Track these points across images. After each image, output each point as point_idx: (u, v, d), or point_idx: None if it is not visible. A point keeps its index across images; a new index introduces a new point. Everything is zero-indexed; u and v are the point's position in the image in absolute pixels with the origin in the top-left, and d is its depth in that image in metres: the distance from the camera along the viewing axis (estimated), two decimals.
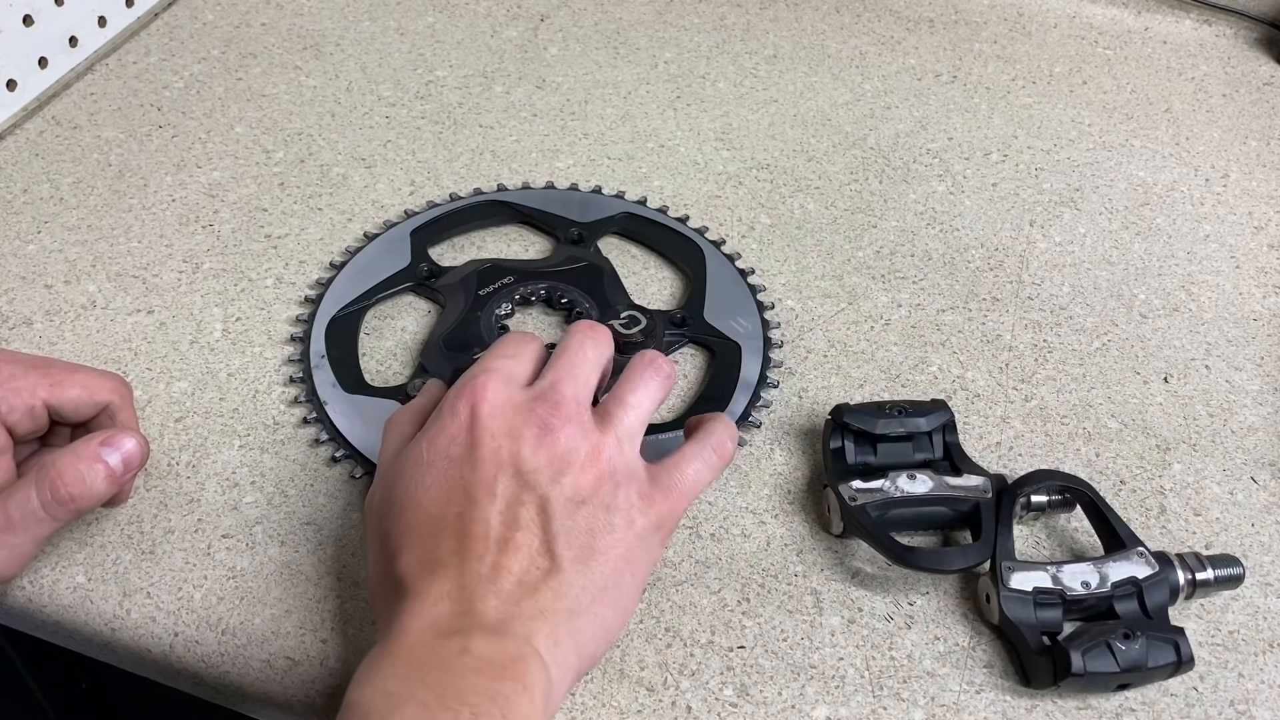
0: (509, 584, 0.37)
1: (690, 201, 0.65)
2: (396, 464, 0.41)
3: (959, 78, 0.77)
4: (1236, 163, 0.71)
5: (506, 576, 0.37)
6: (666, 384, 0.43)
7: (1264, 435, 0.53)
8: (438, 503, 0.39)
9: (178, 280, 0.58)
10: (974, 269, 0.62)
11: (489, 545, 0.38)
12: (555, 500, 0.38)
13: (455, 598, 0.37)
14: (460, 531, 0.38)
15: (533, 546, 0.38)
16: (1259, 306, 0.61)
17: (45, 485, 0.41)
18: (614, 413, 0.41)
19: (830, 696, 0.43)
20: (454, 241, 0.62)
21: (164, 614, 0.44)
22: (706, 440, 0.43)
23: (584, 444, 0.40)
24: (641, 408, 0.42)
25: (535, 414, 0.40)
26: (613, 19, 0.81)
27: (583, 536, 0.38)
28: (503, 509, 0.38)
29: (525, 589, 0.37)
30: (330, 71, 0.74)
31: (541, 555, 0.38)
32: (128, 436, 0.43)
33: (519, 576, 0.37)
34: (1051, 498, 0.47)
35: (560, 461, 0.39)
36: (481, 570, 0.37)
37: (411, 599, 0.37)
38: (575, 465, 0.39)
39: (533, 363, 0.43)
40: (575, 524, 0.38)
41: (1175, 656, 0.41)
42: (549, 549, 0.38)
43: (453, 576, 0.37)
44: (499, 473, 0.39)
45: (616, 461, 0.40)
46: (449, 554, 0.38)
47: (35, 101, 0.69)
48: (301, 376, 0.53)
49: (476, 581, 0.37)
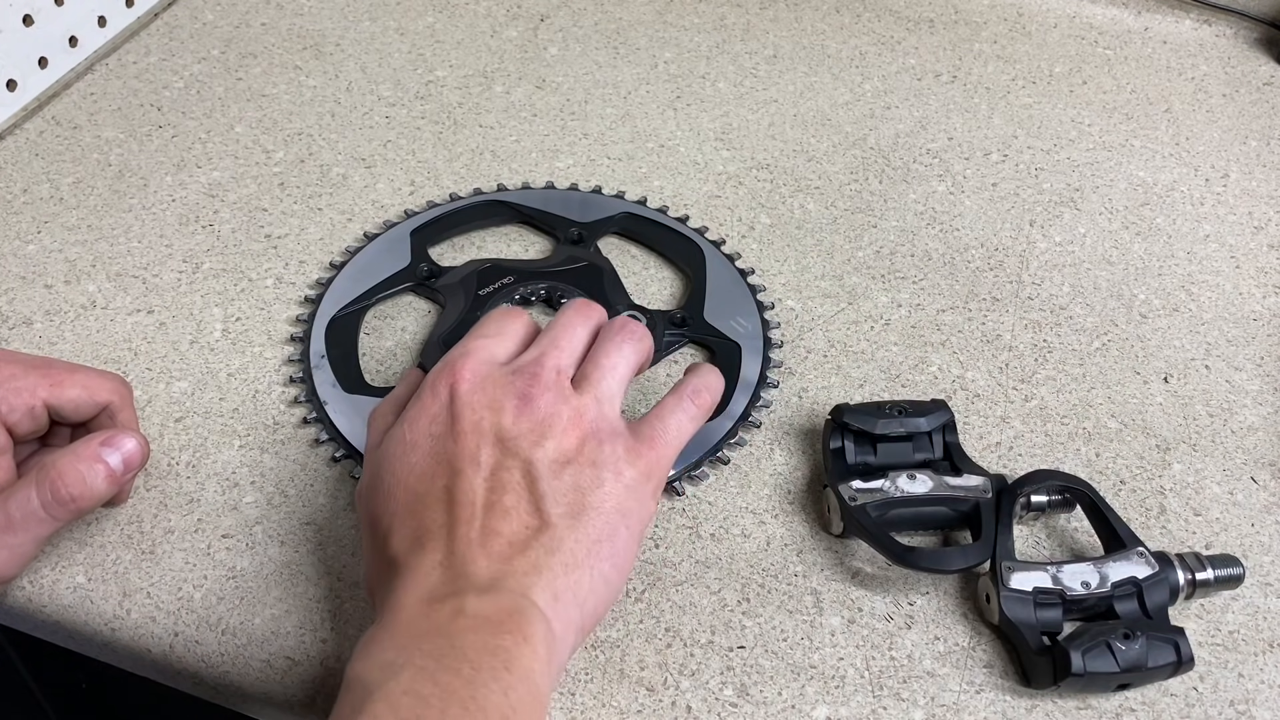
0: (499, 545, 0.37)
1: (690, 201, 0.65)
2: (381, 450, 0.41)
3: (959, 78, 0.77)
4: (1236, 163, 0.71)
5: (496, 539, 0.37)
6: (640, 346, 0.44)
7: (1264, 435, 0.53)
8: (423, 479, 0.39)
9: (178, 280, 0.58)
10: (974, 269, 0.62)
11: (476, 511, 0.38)
12: (540, 462, 0.39)
13: (446, 565, 0.37)
14: (447, 502, 0.38)
15: (521, 508, 0.38)
16: (1259, 306, 0.61)
17: (46, 485, 0.41)
18: (590, 375, 0.42)
19: (830, 696, 0.43)
20: (454, 241, 0.62)
21: (164, 614, 0.44)
22: (683, 390, 0.43)
23: (564, 408, 0.40)
24: (617, 370, 0.42)
25: (514, 385, 0.40)
26: (613, 19, 0.81)
27: (571, 494, 0.39)
28: (487, 475, 0.38)
29: (516, 548, 0.37)
30: (330, 71, 0.74)
31: (531, 515, 0.38)
32: (128, 437, 0.43)
33: (509, 538, 0.37)
34: (1051, 498, 0.47)
35: (542, 427, 0.39)
36: (470, 535, 0.37)
37: (404, 574, 0.37)
38: (557, 429, 0.39)
39: (516, 340, 0.44)
40: (562, 483, 0.39)
41: (1175, 656, 0.41)
42: (537, 509, 0.38)
43: (442, 546, 0.37)
44: (481, 443, 0.39)
45: (599, 422, 0.40)
46: (437, 526, 0.38)
47: (35, 101, 0.69)
48: (301, 376, 0.53)
49: (466, 547, 0.37)
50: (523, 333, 0.44)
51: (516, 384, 0.40)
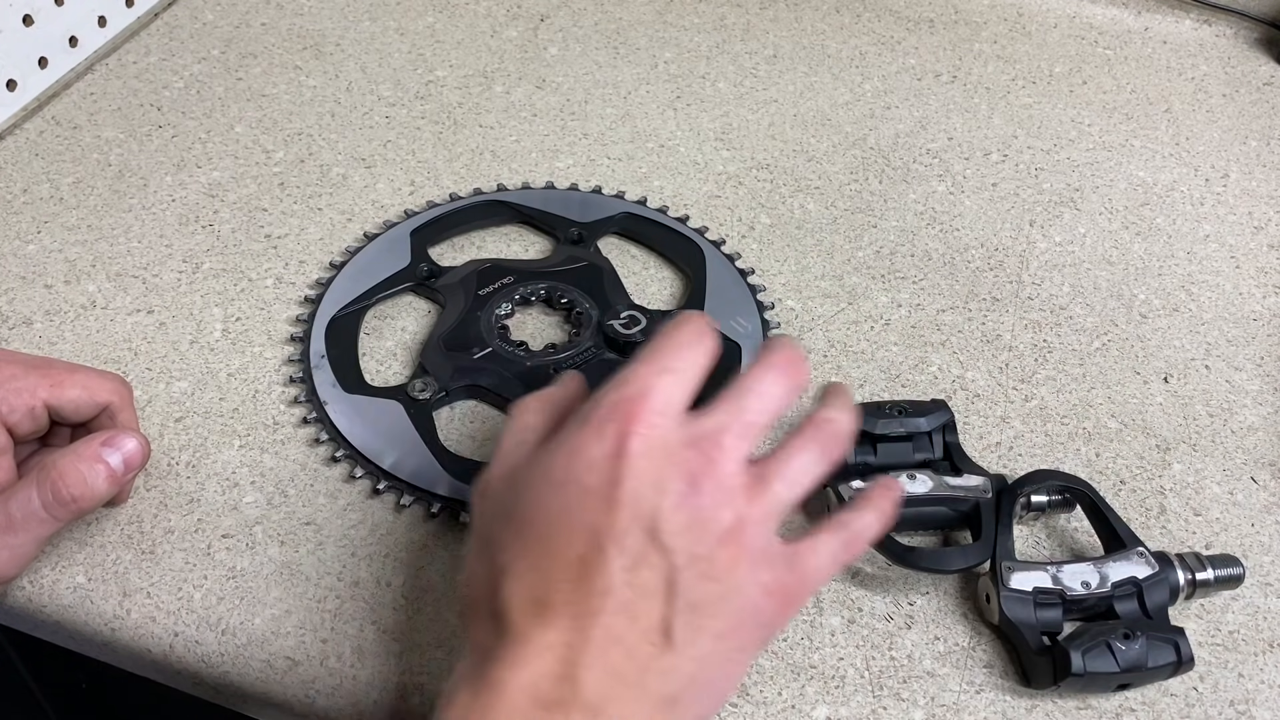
0: (617, 657, 0.34)
1: (690, 201, 0.65)
2: (526, 469, 0.38)
3: (959, 78, 0.77)
4: (1236, 163, 0.71)
5: (616, 648, 0.34)
6: (836, 458, 0.38)
7: (1264, 435, 0.53)
8: (559, 533, 0.35)
9: (178, 280, 0.58)
10: (974, 269, 0.62)
11: (606, 605, 0.34)
12: (684, 577, 0.35)
13: (560, 657, 0.33)
14: (579, 578, 0.34)
15: (651, 620, 0.34)
16: (1259, 306, 0.61)
17: (47, 486, 0.41)
18: (771, 482, 0.37)
19: (830, 696, 0.43)
20: (454, 241, 0.62)
21: (164, 614, 0.44)
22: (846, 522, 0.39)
23: (728, 513, 0.35)
24: (800, 484, 0.37)
25: (685, 464, 0.35)
26: (613, 19, 0.81)
27: (702, 619, 0.35)
28: (628, 567, 0.34)
29: (633, 666, 0.34)
30: (330, 71, 0.74)
31: (657, 632, 0.34)
32: (129, 437, 0.43)
33: (629, 650, 0.34)
34: (1051, 498, 0.47)
35: (699, 529, 0.35)
36: (593, 633, 0.34)
37: (513, 642, 0.34)
38: (712, 537, 0.35)
39: (697, 377, 0.38)
40: (698, 606, 0.35)
41: (1175, 656, 0.41)
42: (666, 628, 0.34)
43: (563, 631, 0.34)
44: (633, 525, 0.34)
45: (756, 542, 0.36)
46: (561, 601, 0.34)
47: (35, 101, 0.69)
48: (301, 376, 0.53)
49: (585, 645, 0.34)
50: (705, 367, 0.38)
51: (689, 463, 0.35)
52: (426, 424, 0.50)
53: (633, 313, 0.55)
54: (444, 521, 0.48)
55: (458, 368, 0.53)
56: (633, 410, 0.36)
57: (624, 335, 0.54)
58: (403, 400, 0.51)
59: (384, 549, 0.47)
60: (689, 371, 0.37)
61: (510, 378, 0.52)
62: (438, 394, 0.52)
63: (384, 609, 0.45)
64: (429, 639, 0.44)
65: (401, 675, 0.43)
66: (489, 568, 0.36)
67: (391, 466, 0.49)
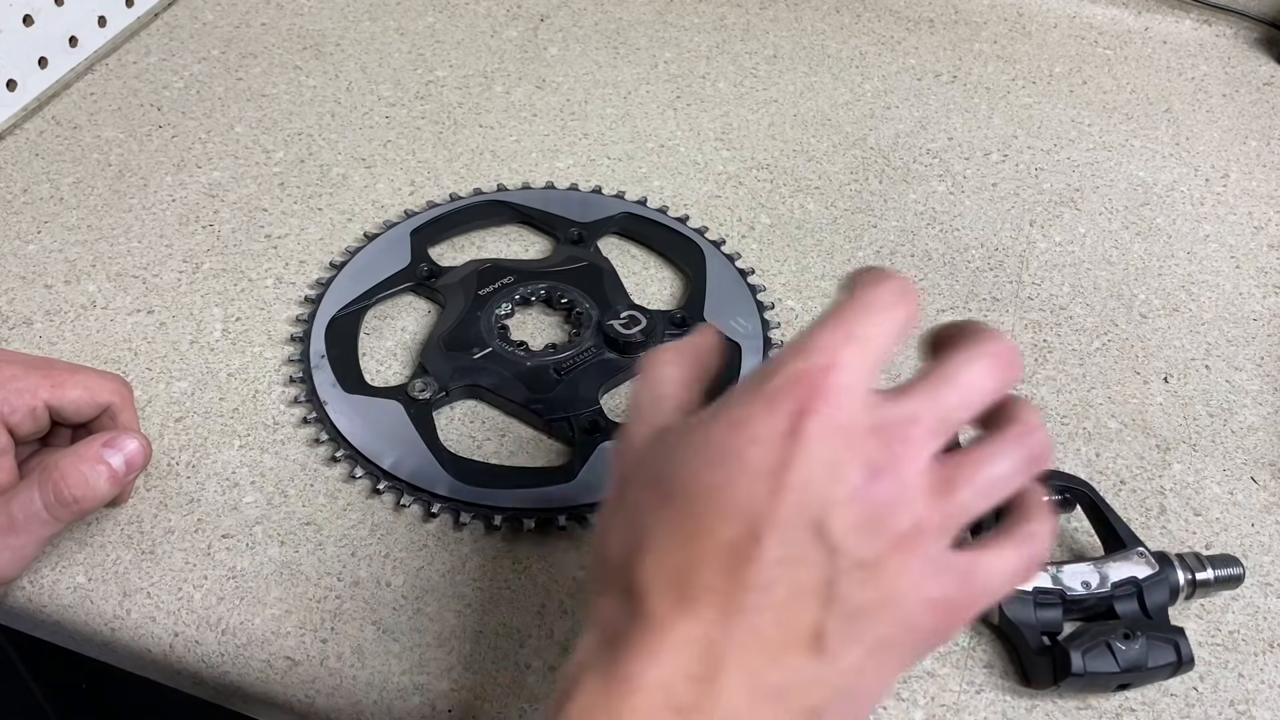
0: (760, 660, 0.30)
1: (690, 201, 0.65)
2: (678, 433, 0.34)
3: (959, 78, 0.77)
4: (1236, 163, 0.71)
5: (761, 651, 0.31)
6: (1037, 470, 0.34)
7: (1264, 435, 0.53)
8: (711, 513, 0.31)
9: (178, 280, 0.58)
10: (974, 269, 0.62)
11: (755, 602, 0.30)
12: (846, 581, 0.31)
13: (699, 656, 0.30)
14: (728, 568, 0.31)
15: (802, 625, 0.31)
16: (1259, 306, 0.61)
17: (48, 487, 0.41)
18: (959, 489, 0.32)
19: None
20: (454, 241, 0.62)
21: (164, 614, 0.44)
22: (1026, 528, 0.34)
23: (905, 516, 0.31)
24: (993, 499, 0.33)
25: (866, 454, 0.31)
26: (613, 19, 0.81)
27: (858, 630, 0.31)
28: (784, 561, 0.31)
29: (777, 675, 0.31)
30: (330, 71, 0.74)
31: (807, 640, 0.31)
32: (130, 437, 0.43)
33: (773, 654, 0.31)
34: (1051, 498, 0.47)
35: (870, 529, 0.31)
36: (738, 632, 0.30)
37: (649, 628, 0.31)
38: (884, 541, 0.31)
39: (889, 348, 0.33)
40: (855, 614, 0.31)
41: (1175, 656, 0.41)
42: (818, 636, 0.31)
43: (705, 625, 0.30)
44: (797, 516, 0.31)
45: (930, 551, 0.32)
46: (706, 589, 0.31)
47: (35, 101, 0.69)
48: (301, 376, 0.53)
49: (729, 644, 0.30)
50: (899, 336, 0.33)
51: (870, 452, 0.31)
52: (426, 424, 0.50)
53: (633, 313, 0.55)
54: (444, 521, 0.48)
55: (458, 368, 0.53)
56: (816, 385, 0.31)
57: (624, 335, 0.54)
58: (403, 400, 0.51)
59: (384, 549, 0.47)
60: (880, 340, 0.32)
61: (510, 378, 0.52)
62: (438, 394, 0.52)
63: (384, 609, 0.45)
64: (429, 639, 0.44)
65: (401, 675, 0.43)
66: (627, 533, 0.33)
67: (391, 466, 0.49)
